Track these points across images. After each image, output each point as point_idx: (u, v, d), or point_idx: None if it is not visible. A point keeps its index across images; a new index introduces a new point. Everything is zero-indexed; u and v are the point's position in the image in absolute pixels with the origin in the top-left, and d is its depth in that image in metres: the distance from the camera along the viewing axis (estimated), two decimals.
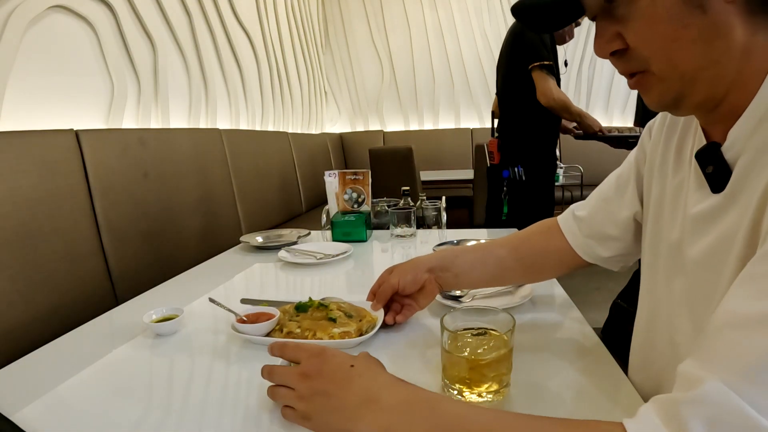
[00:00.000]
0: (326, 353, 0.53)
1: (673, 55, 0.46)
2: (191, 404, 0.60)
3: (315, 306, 0.79)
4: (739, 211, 0.46)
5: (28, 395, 0.64)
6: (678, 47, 0.46)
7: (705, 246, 0.51)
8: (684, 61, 0.46)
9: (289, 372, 0.53)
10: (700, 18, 0.44)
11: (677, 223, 0.56)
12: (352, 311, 0.79)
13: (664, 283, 0.59)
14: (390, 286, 0.79)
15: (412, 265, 0.81)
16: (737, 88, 0.47)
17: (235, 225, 2.37)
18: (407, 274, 0.79)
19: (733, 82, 0.47)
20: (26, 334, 1.20)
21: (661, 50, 0.47)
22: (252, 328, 0.75)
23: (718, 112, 0.50)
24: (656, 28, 0.46)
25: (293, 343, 0.58)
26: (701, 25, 0.44)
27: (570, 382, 0.61)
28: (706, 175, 0.50)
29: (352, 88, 4.79)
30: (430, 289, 0.80)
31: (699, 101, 0.49)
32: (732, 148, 0.47)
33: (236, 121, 2.87)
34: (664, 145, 0.61)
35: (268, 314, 0.78)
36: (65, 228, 1.37)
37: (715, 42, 0.45)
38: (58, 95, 1.62)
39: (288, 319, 0.77)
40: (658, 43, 0.47)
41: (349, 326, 0.74)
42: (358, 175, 1.51)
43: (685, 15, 0.44)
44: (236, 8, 2.83)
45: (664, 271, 0.59)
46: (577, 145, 4.64)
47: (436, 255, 0.83)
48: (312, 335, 0.73)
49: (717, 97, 0.48)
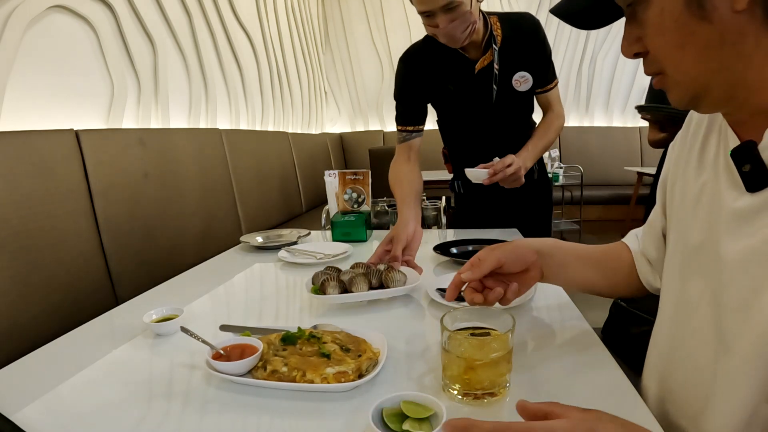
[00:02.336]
0: (597, 426, 0.42)
1: (683, 61, 0.48)
2: (191, 404, 0.60)
3: (305, 337, 0.68)
4: None
5: (28, 395, 0.64)
6: (686, 54, 0.48)
7: (742, 247, 0.50)
8: (693, 67, 0.48)
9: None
10: (706, 27, 0.46)
11: (701, 224, 0.56)
12: (350, 343, 0.67)
13: (682, 284, 0.59)
14: (495, 259, 0.68)
15: (515, 245, 0.73)
16: (763, 89, 0.47)
17: (235, 225, 2.37)
18: (512, 252, 0.71)
19: (756, 83, 0.47)
20: (26, 334, 1.20)
21: (671, 56, 0.49)
22: (229, 367, 0.63)
23: (746, 111, 0.50)
24: (665, 36, 0.48)
25: (555, 404, 0.44)
26: (708, 34, 0.46)
27: (570, 382, 0.61)
28: (743, 173, 0.50)
29: (352, 88, 4.79)
30: (533, 274, 0.73)
31: (717, 102, 0.51)
32: None
33: (236, 121, 2.87)
34: (687, 152, 0.62)
35: (250, 347, 0.67)
36: (65, 228, 1.37)
37: (724, 49, 0.46)
38: (58, 95, 1.62)
39: (273, 354, 0.65)
40: (667, 49, 0.49)
41: (347, 364, 0.62)
42: (358, 175, 1.51)
43: (691, 24, 0.46)
44: (236, 8, 2.83)
45: (684, 273, 0.59)
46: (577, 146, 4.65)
47: (537, 240, 0.77)
48: (301, 376, 0.61)
49: (739, 98, 0.49)
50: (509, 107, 1.43)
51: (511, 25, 1.37)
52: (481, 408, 0.57)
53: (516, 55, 1.38)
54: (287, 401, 0.60)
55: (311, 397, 0.60)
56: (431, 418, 0.52)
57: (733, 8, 0.44)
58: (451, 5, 1.16)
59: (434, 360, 0.67)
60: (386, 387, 0.62)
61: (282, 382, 0.61)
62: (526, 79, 1.40)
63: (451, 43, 1.29)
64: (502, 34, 1.36)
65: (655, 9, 0.48)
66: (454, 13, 1.18)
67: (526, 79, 1.40)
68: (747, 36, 0.45)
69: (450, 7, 1.17)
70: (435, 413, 0.52)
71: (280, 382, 0.61)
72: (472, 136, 1.51)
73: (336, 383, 0.60)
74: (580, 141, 4.58)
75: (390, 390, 0.58)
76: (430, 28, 1.25)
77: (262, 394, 0.62)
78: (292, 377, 0.61)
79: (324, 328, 0.75)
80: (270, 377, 0.62)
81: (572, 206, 3.94)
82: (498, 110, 1.43)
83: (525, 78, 1.40)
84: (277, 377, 0.62)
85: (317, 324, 0.78)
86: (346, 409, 0.58)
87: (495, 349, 0.57)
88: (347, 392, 0.61)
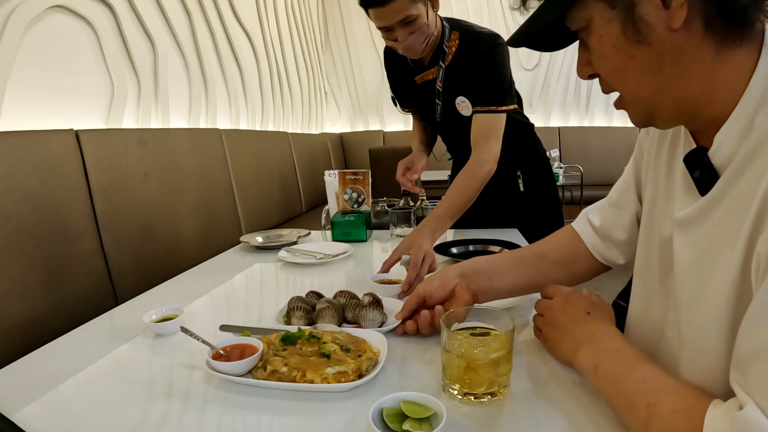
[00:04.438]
0: (572, 297, 0.68)
1: (627, 84, 0.51)
2: (191, 404, 0.60)
3: (305, 337, 0.67)
4: (725, 215, 0.48)
5: (28, 395, 0.64)
6: (630, 77, 0.50)
7: (692, 248, 0.52)
8: (638, 88, 0.50)
9: (544, 303, 0.70)
10: (645, 50, 0.47)
11: (669, 221, 0.58)
12: (350, 343, 0.67)
13: (657, 278, 0.61)
14: (416, 295, 0.76)
15: (442, 272, 0.79)
16: (710, 100, 0.48)
17: (235, 225, 2.37)
18: (435, 281, 0.77)
19: (703, 96, 0.48)
20: (26, 334, 1.20)
21: (616, 80, 0.51)
22: (229, 367, 0.63)
23: (697, 121, 0.52)
24: (607, 61, 0.50)
25: (553, 286, 0.71)
26: (647, 56, 0.47)
27: (570, 382, 0.61)
28: (694, 178, 0.52)
29: (352, 88, 4.79)
30: (460, 294, 0.75)
31: (670, 119, 0.53)
32: (718, 153, 0.49)
33: (236, 121, 2.87)
34: (659, 144, 0.63)
35: (250, 347, 0.67)
36: (65, 228, 1.37)
37: (665, 68, 0.48)
38: (58, 95, 1.62)
39: (273, 354, 0.65)
40: (612, 73, 0.51)
41: (346, 365, 0.62)
42: (358, 175, 1.51)
43: (630, 49, 0.48)
44: (236, 8, 2.83)
45: (658, 267, 0.61)
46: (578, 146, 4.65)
47: (467, 261, 0.82)
48: (301, 376, 0.61)
49: (688, 112, 0.51)
50: (456, 126, 1.37)
51: (469, 43, 1.29)
52: (481, 408, 0.57)
53: (463, 75, 1.31)
54: (287, 401, 0.60)
55: (311, 397, 0.60)
56: (431, 418, 0.52)
57: (669, 27, 0.45)
58: (408, 19, 1.16)
59: (434, 360, 0.67)
60: (386, 387, 0.62)
61: (282, 382, 0.61)
62: (466, 105, 1.32)
63: (410, 55, 1.30)
64: (457, 51, 1.31)
65: (595, 36, 0.49)
66: (411, 26, 1.18)
67: (466, 105, 1.32)
68: (687, 52, 0.46)
69: (407, 21, 1.17)
70: (435, 413, 0.52)
71: (280, 382, 0.61)
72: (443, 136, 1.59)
73: (336, 383, 0.60)
74: (580, 141, 4.58)
75: (390, 390, 0.58)
76: (390, 42, 1.25)
77: (262, 394, 0.62)
78: (292, 377, 0.61)
79: (324, 328, 0.75)
80: (270, 377, 0.62)
81: (572, 206, 3.93)
82: (447, 125, 1.44)
83: (465, 104, 1.32)
84: (277, 377, 0.62)
85: (317, 325, 0.79)
86: (346, 409, 0.57)
87: (495, 349, 0.57)
88: (347, 392, 0.61)
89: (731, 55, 0.46)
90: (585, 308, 0.65)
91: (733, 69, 0.47)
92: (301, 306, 0.82)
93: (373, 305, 0.80)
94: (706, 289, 0.49)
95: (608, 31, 0.48)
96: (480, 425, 0.54)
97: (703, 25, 0.45)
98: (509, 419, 0.55)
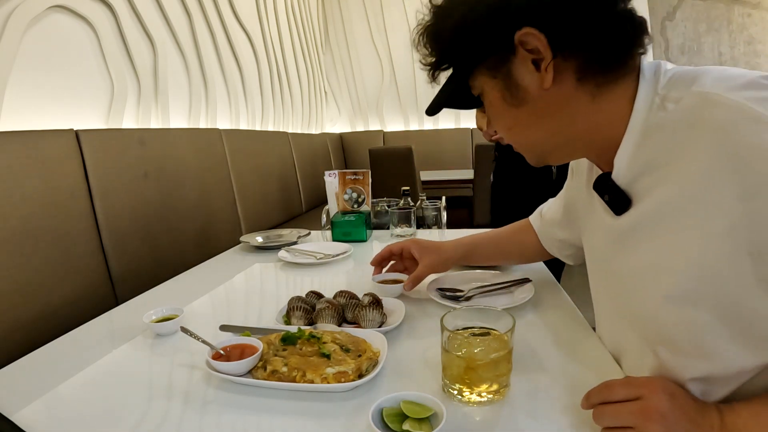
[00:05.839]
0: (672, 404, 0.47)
1: (517, 137, 0.60)
2: (191, 404, 0.60)
3: (305, 337, 0.67)
4: (644, 230, 0.53)
5: (28, 395, 0.64)
6: (517, 132, 0.59)
7: (621, 264, 0.57)
8: (526, 140, 0.59)
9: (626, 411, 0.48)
10: (524, 109, 0.55)
11: (598, 237, 0.64)
12: (350, 343, 0.67)
13: (604, 291, 0.67)
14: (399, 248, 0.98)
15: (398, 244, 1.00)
16: (599, 132, 0.54)
17: (235, 225, 2.37)
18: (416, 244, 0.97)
19: (590, 132, 0.55)
20: (26, 334, 1.20)
21: (507, 134, 0.60)
22: (229, 367, 0.63)
23: (594, 151, 0.58)
24: (498, 121, 0.59)
25: (618, 383, 0.50)
26: (527, 114, 0.55)
27: (570, 383, 0.61)
28: (606, 202, 0.58)
29: (352, 88, 4.79)
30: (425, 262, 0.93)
31: (563, 156, 0.61)
32: (620, 174, 0.54)
33: (236, 121, 2.87)
34: (579, 175, 0.71)
35: (250, 347, 0.67)
36: (65, 228, 1.37)
37: (546, 121, 0.55)
38: (58, 95, 1.62)
39: (273, 354, 0.65)
40: (502, 130, 0.60)
41: (347, 365, 0.61)
42: (358, 175, 1.51)
43: (511, 110, 0.56)
44: (236, 8, 2.83)
45: (600, 280, 0.68)
46: None
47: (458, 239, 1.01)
48: (301, 376, 0.61)
49: (580, 147, 0.58)
50: None
51: None
52: (481, 408, 0.57)
53: None
54: (287, 401, 0.60)
55: (311, 397, 0.60)
56: (431, 418, 0.52)
57: (542, 88, 0.51)
58: None
59: (434, 360, 0.67)
60: (386, 387, 0.62)
61: (282, 382, 0.61)
62: None
63: None
64: None
65: (487, 101, 0.58)
66: None
67: None
68: (563, 104, 0.53)
69: None
70: (435, 413, 0.52)
71: (280, 382, 0.61)
72: None
73: (336, 383, 0.60)
74: None
75: (390, 390, 0.58)
76: None
77: (262, 394, 0.62)
78: (292, 377, 0.61)
79: (324, 328, 0.75)
80: (270, 377, 0.62)
81: None
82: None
83: None
84: (277, 377, 0.62)
85: (317, 325, 0.79)
86: (346, 409, 0.58)
87: (495, 349, 0.57)
88: (347, 392, 0.61)
89: (610, 91, 0.52)
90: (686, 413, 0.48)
91: (615, 101, 0.52)
92: (301, 306, 0.82)
93: (373, 305, 0.80)
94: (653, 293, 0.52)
95: (494, 96, 0.56)
96: (480, 425, 0.54)
97: (575, 79, 0.51)
98: (509, 419, 0.55)
